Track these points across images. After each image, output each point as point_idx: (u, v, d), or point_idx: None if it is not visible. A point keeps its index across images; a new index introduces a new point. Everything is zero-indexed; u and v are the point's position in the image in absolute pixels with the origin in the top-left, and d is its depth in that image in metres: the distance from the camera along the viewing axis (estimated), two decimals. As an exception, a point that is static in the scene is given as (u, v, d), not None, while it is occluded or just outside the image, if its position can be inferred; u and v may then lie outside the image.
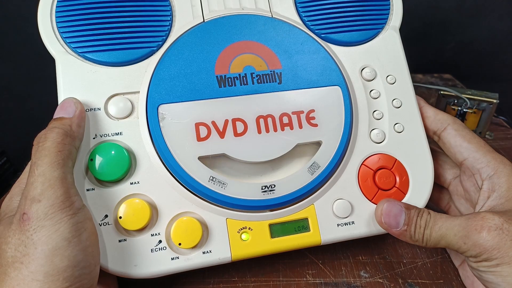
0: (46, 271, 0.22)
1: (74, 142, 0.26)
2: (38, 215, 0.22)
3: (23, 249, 0.22)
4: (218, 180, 0.29)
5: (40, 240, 0.22)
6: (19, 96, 0.71)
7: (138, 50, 0.30)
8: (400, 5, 0.37)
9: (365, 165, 0.32)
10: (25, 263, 0.22)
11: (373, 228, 0.30)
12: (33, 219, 0.22)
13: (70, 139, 0.26)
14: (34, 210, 0.22)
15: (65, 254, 0.22)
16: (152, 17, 0.31)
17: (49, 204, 0.23)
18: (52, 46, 0.30)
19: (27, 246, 0.22)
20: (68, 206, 0.23)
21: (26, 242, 0.22)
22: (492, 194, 0.29)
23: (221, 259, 0.28)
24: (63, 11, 0.30)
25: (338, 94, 0.32)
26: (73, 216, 0.23)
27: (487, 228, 0.25)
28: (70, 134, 0.26)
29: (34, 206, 0.23)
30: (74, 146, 0.27)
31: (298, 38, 0.33)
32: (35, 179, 0.23)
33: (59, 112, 0.27)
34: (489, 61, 0.77)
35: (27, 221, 0.22)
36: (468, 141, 0.31)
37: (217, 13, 0.33)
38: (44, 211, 0.22)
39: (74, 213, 0.24)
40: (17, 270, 0.22)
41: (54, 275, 0.22)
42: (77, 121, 0.27)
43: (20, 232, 0.22)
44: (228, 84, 0.31)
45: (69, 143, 0.26)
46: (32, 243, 0.22)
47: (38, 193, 0.23)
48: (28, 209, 0.23)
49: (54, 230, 0.22)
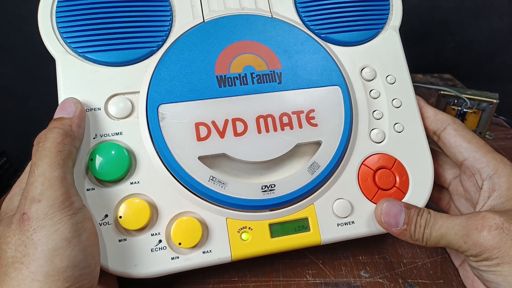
0: (46, 271, 0.22)
1: (74, 142, 0.26)
2: (38, 215, 0.22)
3: (23, 249, 0.22)
4: (218, 180, 0.29)
5: (40, 240, 0.22)
6: (19, 96, 0.71)
7: (138, 50, 0.30)
8: (400, 5, 0.37)
9: (365, 164, 0.32)
10: (25, 264, 0.22)
11: (373, 228, 0.30)
12: (33, 219, 0.22)
13: (70, 139, 0.26)
14: (34, 210, 0.22)
15: (65, 254, 0.22)
16: (152, 17, 0.31)
17: (49, 204, 0.23)
18: (52, 46, 0.30)
19: (27, 246, 0.22)
20: (68, 206, 0.23)
21: (26, 242, 0.22)
22: (493, 194, 0.29)
23: (221, 259, 0.28)
24: (63, 11, 0.30)
25: (338, 94, 0.32)
26: (73, 216, 0.23)
27: (488, 228, 0.25)
28: (70, 134, 0.26)
29: (34, 206, 0.22)
30: (74, 146, 0.27)
31: (298, 38, 0.33)
32: (35, 179, 0.23)
33: (59, 112, 0.27)
34: (489, 61, 0.77)
35: (27, 221, 0.22)
36: (468, 141, 0.31)
37: (217, 13, 0.33)
38: (44, 211, 0.22)
39: (74, 213, 0.24)
40: (17, 270, 0.22)
41: (54, 275, 0.22)
42: (77, 121, 0.27)
43: (20, 232, 0.22)
44: (228, 84, 0.31)
45: (69, 143, 0.26)
46: (32, 243, 0.22)
47: (38, 193, 0.23)
48: (28, 209, 0.23)
49: (54, 230, 0.22)
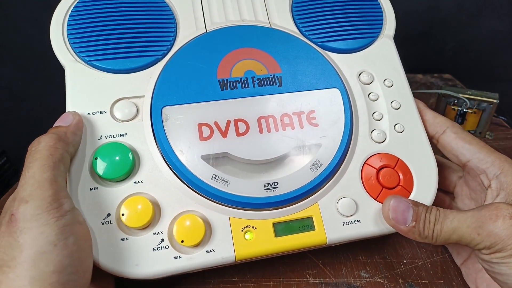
0: (31, 276, 0.21)
1: (67, 147, 0.26)
2: (25, 216, 0.22)
3: (10, 252, 0.21)
4: (221, 178, 0.29)
5: (26, 242, 0.21)
6: (19, 96, 0.71)
7: (143, 58, 0.32)
8: (393, 15, 0.39)
9: (367, 164, 0.32)
10: (12, 267, 0.21)
11: (379, 227, 0.30)
12: (20, 220, 0.22)
13: (63, 143, 0.26)
14: (22, 211, 0.22)
15: (50, 258, 0.22)
16: (157, 28, 0.33)
17: (36, 204, 0.22)
18: (62, 55, 0.31)
19: (13, 249, 0.21)
20: (55, 208, 0.23)
21: (13, 245, 0.21)
22: (501, 192, 0.29)
23: (225, 258, 0.28)
24: (74, 24, 0.32)
25: (337, 96, 0.33)
26: (59, 218, 0.23)
27: (502, 217, 0.25)
28: (64, 139, 0.26)
29: (22, 207, 0.22)
30: (67, 151, 0.26)
31: (296, 45, 0.35)
32: (25, 181, 0.23)
33: (57, 123, 0.28)
34: (489, 61, 0.77)
35: (14, 222, 0.22)
36: (469, 143, 0.31)
37: (219, 25, 0.35)
38: (31, 212, 0.22)
39: (61, 215, 0.23)
40: (5, 274, 0.21)
41: (40, 280, 0.21)
42: (73, 129, 0.28)
43: (8, 234, 0.22)
44: (230, 87, 0.32)
45: (61, 147, 0.26)
46: (18, 245, 0.21)
47: (26, 194, 0.23)
48: (16, 210, 0.22)
49: (39, 232, 0.22)
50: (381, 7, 0.39)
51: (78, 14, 0.32)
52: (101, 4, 0.33)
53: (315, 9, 0.37)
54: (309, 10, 0.37)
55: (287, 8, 0.37)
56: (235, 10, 0.36)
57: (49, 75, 0.32)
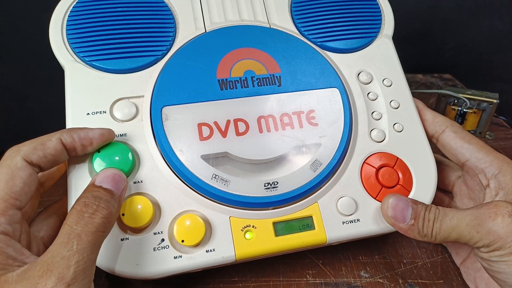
0: None
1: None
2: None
3: None
4: (221, 178, 0.29)
5: None
6: (19, 96, 0.71)
7: (143, 58, 0.32)
8: (391, 15, 0.39)
9: (367, 163, 0.32)
10: None
11: (379, 226, 0.30)
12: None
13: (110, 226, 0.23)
14: None
15: None
16: (156, 29, 0.33)
17: None
18: (61, 55, 0.31)
19: None
20: None
21: None
22: (500, 192, 0.29)
23: (225, 258, 0.28)
24: (73, 24, 0.32)
25: (337, 95, 0.33)
26: None
27: (502, 215, 0.25)
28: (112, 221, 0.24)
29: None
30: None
31: (296, 45, 0.35)
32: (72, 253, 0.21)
33: (108, 181, 0.25)
34: (489, 61, 0.77)
35: None
36: (468, 142, 0.31)
37: (218, 25, 0.35)
38: None
39: None
40: None
41: None
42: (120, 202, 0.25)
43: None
44: (230, 87, 0.32)
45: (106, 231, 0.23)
46: None
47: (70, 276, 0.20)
48: None
49: None
50: (379, 7, 0.39)
51: (78, 14, 0.32)
52: (100, 4, 0.33)
53: (314, 9, 0.37)
54: (308, 10, 0.37)
55: (286, 8, 0.37)
56: (234, 10, 0.36)
57: (49, 75, 0.32)
